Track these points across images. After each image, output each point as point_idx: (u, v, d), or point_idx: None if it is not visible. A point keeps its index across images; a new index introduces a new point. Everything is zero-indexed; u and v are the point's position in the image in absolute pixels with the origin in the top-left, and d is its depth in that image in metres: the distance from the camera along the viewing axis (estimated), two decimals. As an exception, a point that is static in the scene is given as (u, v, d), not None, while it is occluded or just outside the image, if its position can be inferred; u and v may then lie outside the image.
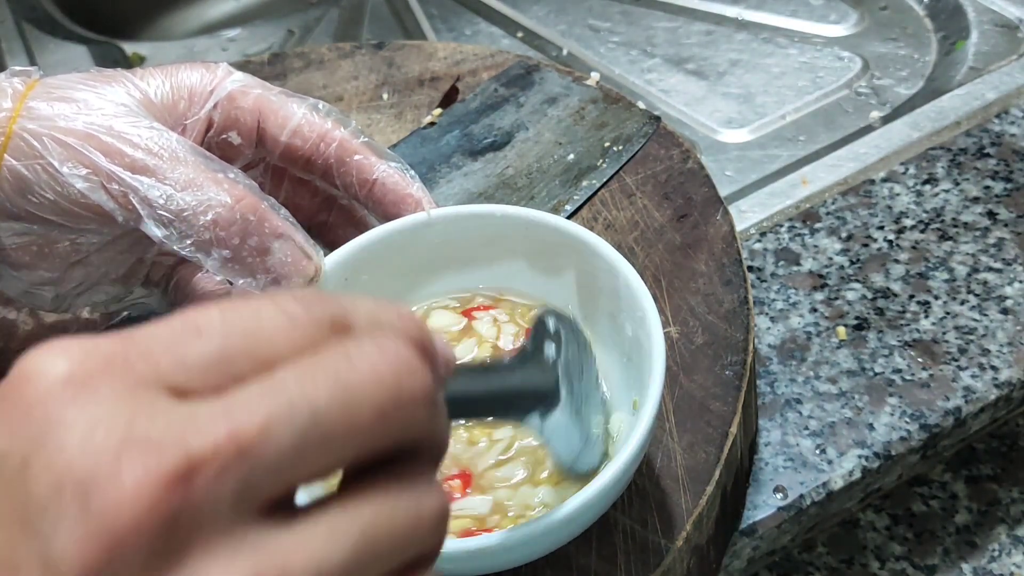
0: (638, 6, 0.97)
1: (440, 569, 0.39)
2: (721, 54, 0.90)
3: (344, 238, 0.49)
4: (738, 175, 0.78)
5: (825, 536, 0.59)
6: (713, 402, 0.48)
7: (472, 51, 0.71)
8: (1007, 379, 0.56)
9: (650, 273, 0.54)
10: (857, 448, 0.54)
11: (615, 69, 0.91)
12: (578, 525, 0.41)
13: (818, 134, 0.81)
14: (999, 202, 0.65)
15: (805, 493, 0.53)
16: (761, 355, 0.59)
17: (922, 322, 0.59)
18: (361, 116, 0.68)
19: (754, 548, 0.53)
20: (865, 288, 0.62)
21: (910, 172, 0.68)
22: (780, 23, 0.92)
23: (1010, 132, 0.70)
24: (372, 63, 0.72)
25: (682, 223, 0.57)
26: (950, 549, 0.58)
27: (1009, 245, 0.63)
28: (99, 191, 0.43)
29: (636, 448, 0.39)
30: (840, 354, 0.58)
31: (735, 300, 0.52)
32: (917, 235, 0.64)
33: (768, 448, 0.55)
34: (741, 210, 0.68)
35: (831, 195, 0.68)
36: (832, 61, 0.87)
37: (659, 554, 0.43)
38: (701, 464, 0.46)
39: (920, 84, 0.83)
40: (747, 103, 0.85)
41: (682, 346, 0.51)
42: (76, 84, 0.46)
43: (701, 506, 0.44)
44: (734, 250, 0.54)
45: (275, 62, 0.73)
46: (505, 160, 0.62)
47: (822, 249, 0.64)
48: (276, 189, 0.53)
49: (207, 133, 0.49)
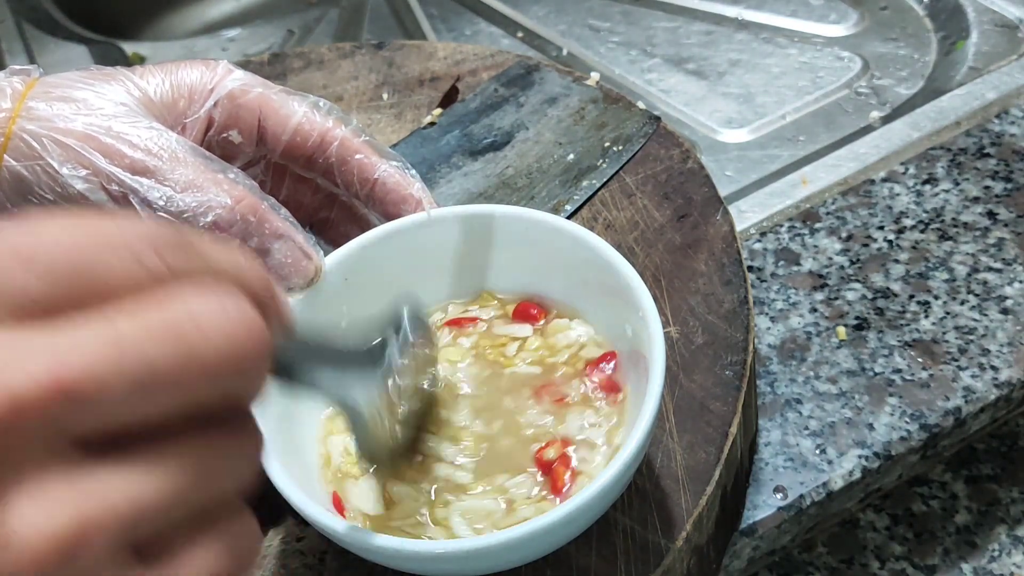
0: (638, 6, 0.97)
1: (441, 569, 0.40)
2: (721, 54, 0.90)
3: (346, 235, 0.49)
4: (738, 175, 0.78)
5: (825, 536, 0.59)
6: (713, 402, 0.48)
7: (472, 51, 0.71)
8: (1007, 379, 0.56)
9: (650, 273, 0.54)
10: (857, 448, 0.54)
11: (615, 69, 0.91)
12: (578, 525, 0.41)
13: (818, 134, 0.81)
14: (999, 202, 0.65)
15: (805, 493, 0.53)
16: (761, 355, 0.59)
17: (922, 322, 0.59)
18: (361, 116, 0.68)
19: (754, 548, 0.53)
20: (865, 288, 0.62)
21: (910, 172, 0.68)
22: (780, 23, 0.93)
23: (1010, 132, 0.70)
24: (372, 63, 0.72)
25: (682, 223, 0.57)
26: (950, 549, 0.58)
27: (1009, 245, 0.63)
28: (99, 192, 0.43)
29: (636, 448, 0.39)
30: (840, 354, 0.58)
31: (735, 300, 0.52)
32: (917, 235, 0.64)
33: (768, 448, 0.55)
34: (741, 210, 0.68)
35: (831, 195, 0.68)
36: (832, 61, 0.87)
37: (659, 554, 0.43)
38: (701, 464, 0.46)
39: (920, 84, 0.83)
40: (747, 103, 0.85)
41: (682, 346, 0.51)
42: (75, 83, 0.46)
43: (701, 506, 0.44)
44: (734, 250, 0.54)
45: (275, 62, 0.73)
46: (505, 160, 0.62)
47: (822, 249, 0.64)
48: (277, 187, 0.53)
49: (207, 131, 0.48)
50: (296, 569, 0.45)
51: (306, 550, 0.46)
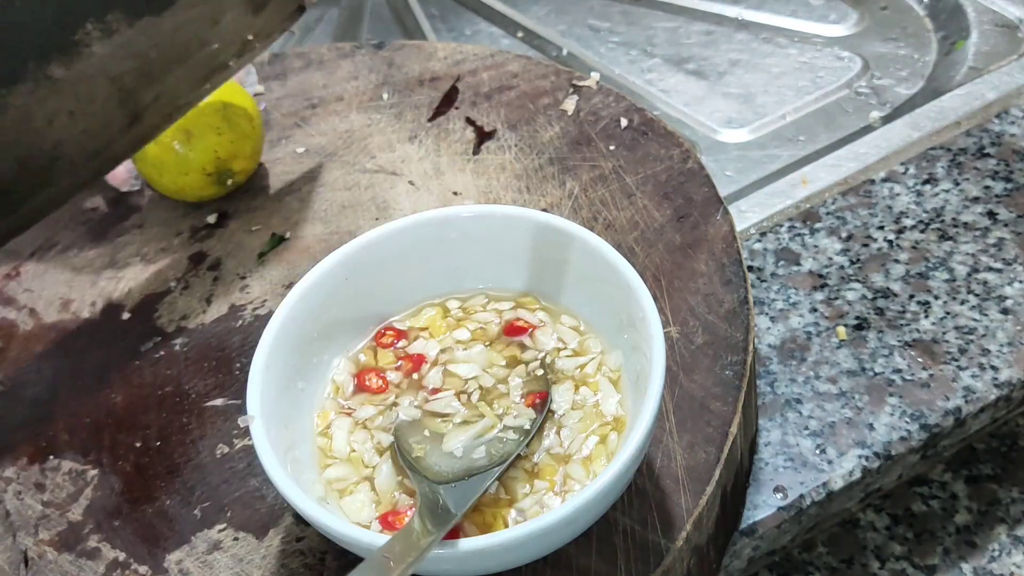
0: (638, 6, 0.97)
1: (441, 569, 0.40)
2: (721, 54, 0.90)
3: None
4: (738, 175, 0.78)
5: (825, 536, 0.59)
6: (713, 402, 0.48)
7: (472, 51, 0.71)
8: (1007, 379, 0.56)
9: (650, 273, 0.54)
10: (857, 448, 0.54)
11: (615, 69, 0.91)
12: (578, 525, 0.41)
13: (818, 134, 0.81)
14: (999, 202, 0.65)
15: (805, 493, 0.53)
16: (761, 355, 0.59)
17: (922, 322, 0.59)
18: (361, 116, 0.68)
19: (754, 548, 0.53)
20: (865, 288, 0.62)
21: (910, 172, 0.68)
22: (780, 23, 0.93)
23: (1010, 132, 0.70)
24: (372, 63, 0.72)
25: (682, 223, 0.57)
26: (950, 549, 0.58)
27: (1009, 245, 0.63)
28: None
29: (636, 448, 0.39)
30: (840, 354, 0.58)
31: (735, 300, 0.52)
32: (917, 235, 0.64)
33: (768, 448, 0.55)
34: (741, 210, 0.68)
35: (831, 195, 0.68)
36: (832, 61, 0.87)
37: (659, 554, 0.43)
38: (701, 464, 0.46)
39: (920, 84, 0.83)
40: (747, 103, 0.85)
41: (682, 346, 0.51)
42: None
43: (701, 506, 0.44)
44: (734, 250, 0.54)
45: (275, 62, 0.73)
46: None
47: (822, 249, 0.64)
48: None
49: None
50: (296, 569, 0.45)
51: (306, 550, 0.46)
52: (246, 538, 0.47)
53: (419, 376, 0.47)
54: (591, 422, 0.44)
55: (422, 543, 0.37)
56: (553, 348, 0.47)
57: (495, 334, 0.49)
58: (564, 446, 0.44)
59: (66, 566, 0.47)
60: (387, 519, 0.42)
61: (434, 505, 0.40)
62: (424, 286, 0.50)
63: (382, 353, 0.49)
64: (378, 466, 0.44)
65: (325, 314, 0.47)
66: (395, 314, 0.50)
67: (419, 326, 0.50)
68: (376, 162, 0.65)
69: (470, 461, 0.43)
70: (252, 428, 0.41)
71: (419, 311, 0.50)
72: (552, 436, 0.44)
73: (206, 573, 0.46)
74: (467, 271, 0.50)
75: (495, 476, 0.42)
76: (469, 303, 0.50)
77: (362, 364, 0.48)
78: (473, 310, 0.50)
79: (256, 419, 0.42)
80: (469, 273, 0.50)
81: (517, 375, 0.46)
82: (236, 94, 0.63)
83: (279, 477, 0.40)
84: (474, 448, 0.43)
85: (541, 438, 0.44)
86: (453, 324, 0.49)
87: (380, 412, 0.46)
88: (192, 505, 0.48)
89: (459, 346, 0.48)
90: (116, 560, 0.47)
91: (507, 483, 0.43)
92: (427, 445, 0.44)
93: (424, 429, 0.45)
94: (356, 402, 0.47)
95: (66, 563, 0.47)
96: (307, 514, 0.39)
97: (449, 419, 0.45)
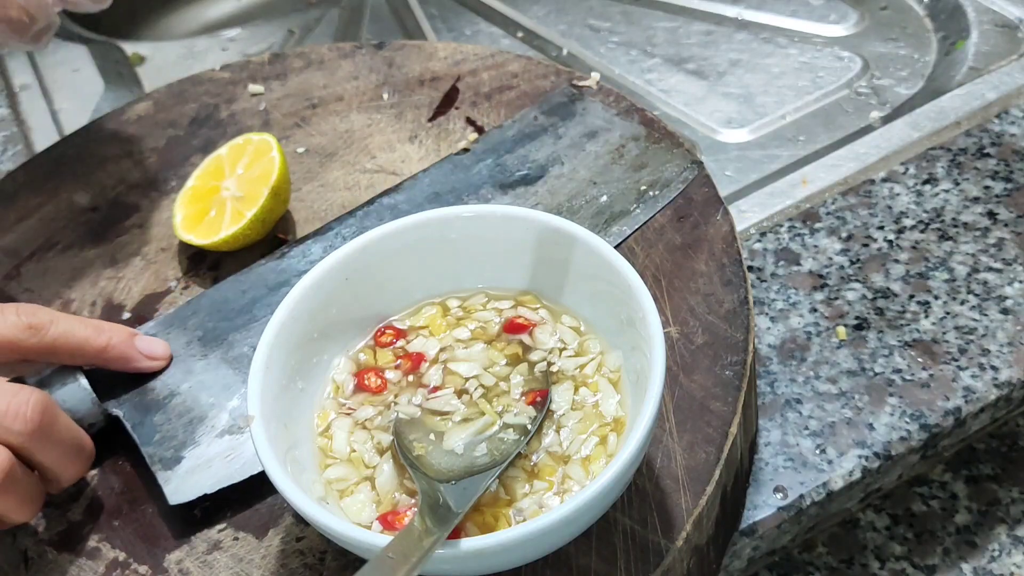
0: (638, 6, 0.97)
1: (441, 569, 0.40)
2: (721, 54, 0.90)
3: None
4: (738, 175, 0.78)
5: (825, 536, 0.59)
6: (713, 402, 0.48)
7: (472, 51, 0.71)
8: (1007, 379, 0.56)
9: (650, 273, 0.54)
10: (857, 448, 0.54)
11: (615, 69, 0.91)
12: (578, 525, 0.41)
13: (818, 134, 0.81)
14: (999, 202, 0.65)
15: (805, 493, 0.53)
16: (761, 355, 0.59)
17: (922, 322, 0.59)
18: (361, 116, 0.68)
19: (754, 548, 0.53)
20: (865, 288, 0.62)
21: (910, 172, 0.68)
22: (780, 23, 0.93)
23: (1010, 132, 0.70)
24: (372, 63, 0.72)
25: (682, 223, 0.57)
26: (950, 549, 0.58)
27: (1009, 245, 0.63)
28: None
29: (636, 448, 0.39)
30: (840, 354, 0.58)
31: (735, 300, 0.52)
32: (917, 235, 0.64)
33: (768, 448, 0.55)
34: (741, 210, 0.68)
35: (831, 195, 0.68)
36: (832, 61, 0.87)
37: (659, 554, 0.43)
38: (701, 464, 0.46)
39: (920, 84, 0.83)
40: (747, 103, 0.85)
41: (682, 346, 0.51)
42: None
43: (701, 506, 0.44)
44: (734, 250, 0.54)
45: (275, 62, 0.73)
46: (536, 196, 0.59)
47: (822, 249, 0.64)
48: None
49: None
50: (296, 569, 0.45)
51: (306, 550, 0.46)
52: (246, 538, 0.47)
53: (419, 374, 0.47)
54: (590, 423, 0.44)
55: (425, 542, 0.37)
56: (554, 348, 0.47)
57: (495, 332, 0.49)
58: (563, 446, 0.44)
59: (66, 566, 0.47)
60: (387, 519, 0.42)
61: (435, 503, 0.40)
62: (424, 286, 0.50)
63: (381, 352, 0.48)
64: (378, 466, 0.44)
65: (325, 314, 0.47)
66: (395, 313, 0.50)
67: (419, 325, 0.50)
68: (376, 162, 0.65)
69: (471, 459, 0.43)
70: (252, 428, 0.41)
71: (419, 310, 0.50)
72: (551, 436, 0.44)
73: (206, 573, 0.46)
74: (467, 271, 0.50)
75: (496, 474, 0.42)
76: (469, 302, 0.50)
77: (362, 363, 0.48)
78: (473, 309, 0.50)
79: (256, 419, 0.42)
80: (469, 273, 0.50)
81: (518, 373, 0.46)
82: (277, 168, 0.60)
83: (279, 477, 0.40)
84: (475, 446, 0.43)
85: (540, 437, 0.44)
86: (453, 323, 0.49)
87: (380, 412, 0.46)
88: (192, 505, 0.48)
89: (459, 344, 0.48)
90: (116, 560, 0.47)
91: (507, 483, 0.43)
92: (428, 443, 0.44)
93: (424, 427, 0.45)
94: (356, 402, 0.47)
95: (66, 563, 0.47)
96: (307, 514, 0.39)
97: (449, 417, 0.45)
